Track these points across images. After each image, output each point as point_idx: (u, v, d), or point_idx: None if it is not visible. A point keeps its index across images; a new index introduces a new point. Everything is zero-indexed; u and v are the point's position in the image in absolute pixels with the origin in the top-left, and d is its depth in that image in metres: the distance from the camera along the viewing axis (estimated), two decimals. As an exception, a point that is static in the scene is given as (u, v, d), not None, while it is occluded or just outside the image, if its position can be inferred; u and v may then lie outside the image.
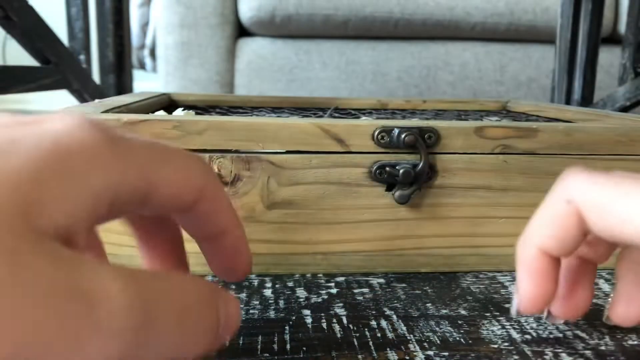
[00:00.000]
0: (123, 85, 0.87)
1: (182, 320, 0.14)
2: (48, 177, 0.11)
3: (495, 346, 0.24)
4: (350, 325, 0.26)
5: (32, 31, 0.65)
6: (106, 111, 0.33)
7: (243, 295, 0.29)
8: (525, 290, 0.21)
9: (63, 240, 0.12)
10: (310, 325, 0.26)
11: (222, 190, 0.18)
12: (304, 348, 0.24)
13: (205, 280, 0.16)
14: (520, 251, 0.21)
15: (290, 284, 0.31)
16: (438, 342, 0.24)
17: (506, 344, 0.24)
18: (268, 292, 0.30)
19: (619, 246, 0.20)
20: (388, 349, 0.24)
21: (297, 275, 0.32)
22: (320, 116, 0.46)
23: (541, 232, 0.20)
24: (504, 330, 0.26)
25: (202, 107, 0.52)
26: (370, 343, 0.24)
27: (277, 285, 0.31)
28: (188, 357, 0.15)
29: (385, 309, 0.28)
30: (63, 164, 0.12)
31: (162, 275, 0.15)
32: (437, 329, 0.26)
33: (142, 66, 1.48)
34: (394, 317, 0.27)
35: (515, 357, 0.23)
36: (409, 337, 0.25)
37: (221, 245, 0.19)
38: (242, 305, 0.28)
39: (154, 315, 0.13)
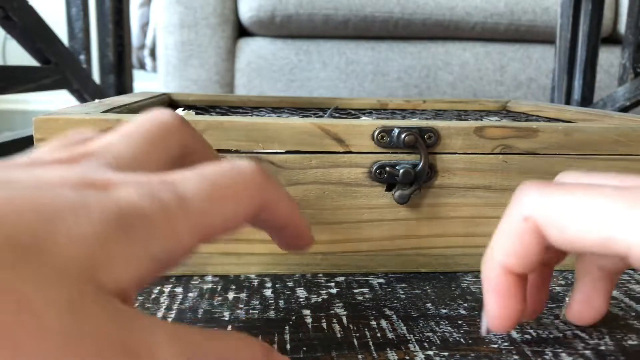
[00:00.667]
0: (123, 85, 0.87)
1: None
2: (114, 242, 0.13)
3: (495, 346, 0.24)
4: (350, 325, 0.26)
5: (32, 31, 0.65)
6: (106, 111, 0.33)
7: (243, 295, 0.29)
8: (493, 310, 0.21)
9: (120, 297, 0.13)
10: (310, 325, 0.26)
11: (279, 191, 0.19)
12: (304, 348, 0.24)
13: (257, 341, 0.17)
14: (484, 270, 0.21)
15: (290, 284, 0.31)
16: (438, 342, 0.24)
17: (506, 344, 0.24)
18: (268, 292, 0.30)
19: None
20: (388, 349, 0.24)
21: (297, 275, 0.32)
22: (320, 116, 0.46)
23: (503, 250, 0.20)
24: (504, 330, 0.26)
25: (202, 107, 0.52)
26: (370, 343, 0.24)
27: (277, 285, 0.31)
28: None
29: (385, 309, 0.28)
30: (127, 232, 0.13)
31: (215, 335, 0.15)
32: (437, 328, 0.26)
33: (142, 66, 1.48)
34: (394, 317, 0.27)
35: (515, 357, 0.23)
36: (409, 337, 0.25)
37: (284, 234, 0.21)
38: (242, 306, 0.28)
39: None
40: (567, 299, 0.26)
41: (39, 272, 0.12)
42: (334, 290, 0.30)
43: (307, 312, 0.27)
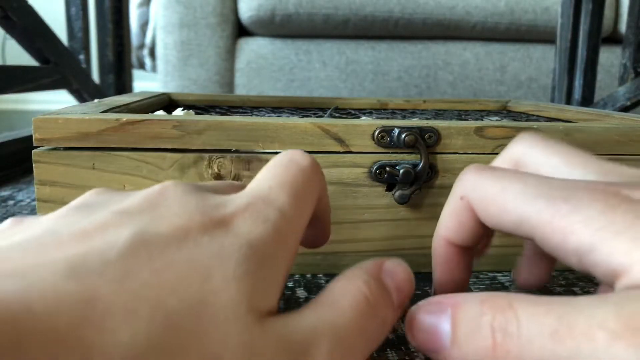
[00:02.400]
0: (122, 84, 0.87)
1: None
2: (256, 272, 0.15)
3: (496, 347, 0.24)
4: (350, 326, 0.26)
5: (32, 31, 0.65)
6: (106, 111, 0.33)
7: (243, 296, 0.29)
8: (436, 278, 0.23)
9: (273, 314, 0.15)
10: (310, 326, 0.26)
11: (325, 184, 0.21)
12: (304, 349, 0.23)
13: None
14: (432, 243, 0.23)
15: (290, 284, 0.31)
16: (438, 342, 0.24)
17: (507, 344, 0.24)
18: (268, 293, 0.29)
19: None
20: (388, 349, 0.24)
21: (297, 276, 0.32)
22: (320, 116, 0.46)
23: (445, 225, 0.22)
24: (505, 330, 0.25)
25: (201, 107, 0.52)
26: (371, 343, 0.24)
27: (277, 286, 0.30)
28: None
29: (385, 309, 0.28)
30: (262, 261, 0.15)
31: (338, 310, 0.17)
32: (437, 329, 0.26)
33: (141, 66, 1.48)
34: (394, 317, 0.27)
35: (516, 357, 0.23)
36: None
37: (315, 227, 0.22)
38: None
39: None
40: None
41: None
42: (334, 291, 0.30)
43: (307, 312, 0.27)
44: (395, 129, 0.31)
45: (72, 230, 0.15)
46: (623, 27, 1.05)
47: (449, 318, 0.16)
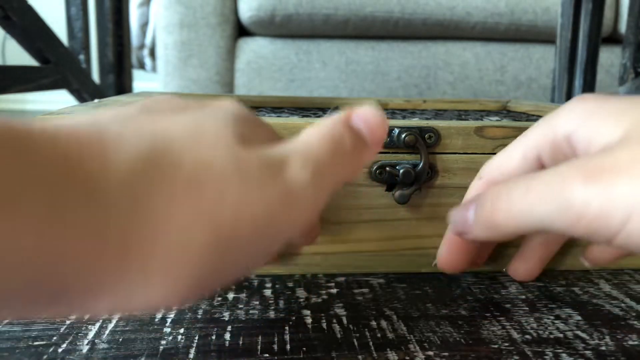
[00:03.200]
0: (123, 85, 0.87)
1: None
2: (248, 128, 0.19)
3: (496, 346, 0.24)
4: (350, 326, 0.26)
5: (32, 31, 0.65)
6: (106, 111, 0.33)
7: (243, 296, 0.29)
8: (442, 254, 0.28)
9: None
10: (310, 326, 0.26)
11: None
12: (304, 348, 0.23)
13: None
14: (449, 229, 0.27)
15: (290, 284, 0.31)
16: (438, 342, 0.24)
17: (506, 344, 0.24)
18: (268, 292, 0.30)
19: None
20: (388, 349, 0.24)
21: (297, 275, 0.32)
22: (320, 116, 0.46)
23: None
24: (504, 330, 0.26)
25: (201, 107, 0.52)
26: (370, 343, 0.24)
27: (277, 286, 0.30)
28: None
29: (385, 309, 0.28)
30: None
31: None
32: (437, 329, 0.26)
33: (141, 66, 1.48)
34: (394, 317, 0.27)
35: (516, 357, 0.23)
36: (409, 338, 0.25)
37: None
38: (242, 306, 0.28)
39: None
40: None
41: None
42: (334, 291, 0.30)
43: (307, 312, 0.27)
44: (395, 129, 0.31)
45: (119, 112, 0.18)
46: (623, 27, 1.05)
47: (474, 205, 0.22)
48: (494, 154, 0.32)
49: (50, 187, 0.13)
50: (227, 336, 0.24)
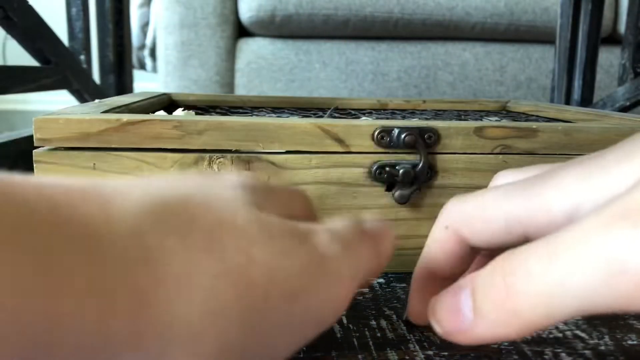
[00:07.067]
0: (123, 85, 0.87)
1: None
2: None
3: (495, 346, 0.24)
4: (350, 325, 0.26)
5: (32, 31, 0.65)
6: (106, 111, 0.33)
7: (243, 295, 0.29)
8: (412, 304, 0.23)
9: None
10: (310, 325, 0.26)
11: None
12: (304, 348, 0.24)
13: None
14: (414, 274, 0.23)
15: (290, 284, 0.31)
16: (438, 342, 0.24)
17: (506, 343, 0.24)
18: (268, 292, 0.30)
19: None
20: (388, 349, 0.24)
21: (297, 275, 0.32)
22: (320, 116, 0.46)
23: (428, 255, 0.22)
24: (504, 330, 0.26)
25: (202, 107, 0.52)
26: (370, 343, 0.24)
27: (277, 285, 0.31)
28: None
29: (385, 309, 0.28)
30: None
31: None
32: (437, 328, 0.26)
33: (142, 66, 1.48)
34: (394, 317, 0.27)
35: (515, 357, 0.23)
36: (409, 337, 0.25)
37: None
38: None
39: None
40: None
41: None
42: (334, 290, 0.30)
43: (307, 312, 0.27)
44: (395, 129, 0.31)
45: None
46: (622, 27, 1.05)
47: (469, 290, 0.16)
48: (494, 154, 0.32)
49: (36, 234, 0.11)
50: (228, 336, 0.25)
